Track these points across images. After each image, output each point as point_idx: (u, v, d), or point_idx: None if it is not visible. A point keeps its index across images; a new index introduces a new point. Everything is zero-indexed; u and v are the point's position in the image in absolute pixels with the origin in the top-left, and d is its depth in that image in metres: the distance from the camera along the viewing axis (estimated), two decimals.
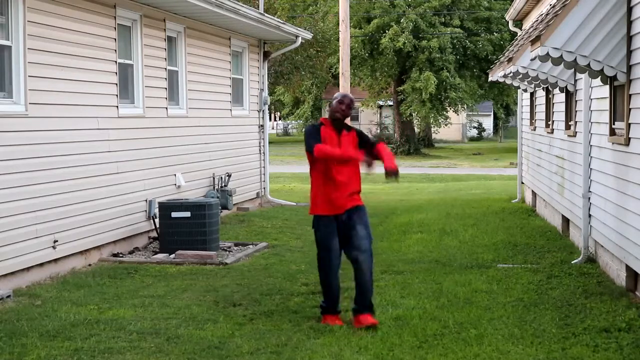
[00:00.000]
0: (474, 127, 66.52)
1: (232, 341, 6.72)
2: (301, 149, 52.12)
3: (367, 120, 59.33)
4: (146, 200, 11.83)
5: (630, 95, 8.15)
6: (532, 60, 9.35)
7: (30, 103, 9.13)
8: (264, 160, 17.43)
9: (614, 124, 9.06)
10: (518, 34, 17.37)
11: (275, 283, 9.07)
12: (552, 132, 13.49)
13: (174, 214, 10.99)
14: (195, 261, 10.45)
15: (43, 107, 9.42)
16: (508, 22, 19.20)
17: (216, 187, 14.51)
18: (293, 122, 63.51)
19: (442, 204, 17.22)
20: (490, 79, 15.13)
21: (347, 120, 7.71)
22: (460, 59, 43.88)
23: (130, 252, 11.29)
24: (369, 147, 7.43)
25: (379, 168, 7.27)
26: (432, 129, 50.35)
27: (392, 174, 7.19)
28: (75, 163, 10.06)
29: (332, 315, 7.32)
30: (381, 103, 54.85)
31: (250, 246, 11.75)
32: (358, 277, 7.23)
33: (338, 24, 23.83)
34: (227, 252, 11.24)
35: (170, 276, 9.60)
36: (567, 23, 7.96)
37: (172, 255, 10.79)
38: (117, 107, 11.12)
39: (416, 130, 49.69)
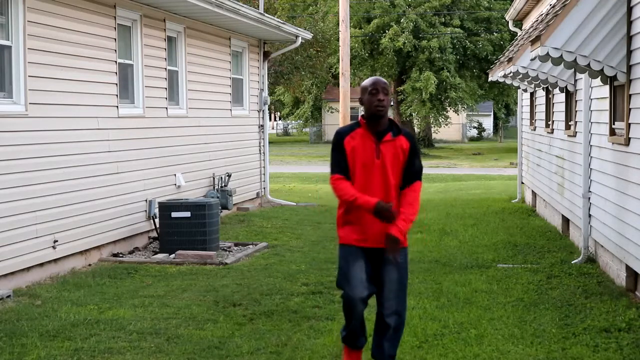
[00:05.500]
0: (474, 127, 66.53)
1: (232, 341, 6.72)
2: (301, 148, 52.10)
3: None
4: (146, 200, 11.84)
5: (630, 95, 8.15)
6: (532, 60, 9.35)
7: (30, 103, 9.13)
8: (264, 160, 17.44)
9: (613, 124, 9.06)
10: (518, 34, 17.37)
11: (275, 283, 9.07)
12: (552, 132, 13.49)
13: (174, 214, 11.00)
14: (195, 261, 10.45)
15: (43, 107, 9.42)
16: (508, 22, 19.21)
17: (216, 187, 14.51)
18: (293, 122, 63.49)
19: (442, 204, 17.22)
20: (490, 79, 15.13)
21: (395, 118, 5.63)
22: (460, 59, 43.87)
23: (130, 252, 11.30)
24: (406, 178, 5.42)
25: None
26: (432, 129, 50.35)
27: (392, 248, 5.30)
28: (75, 163, 10.06)
29: (351, 350, 5.84)
30: None
31: (250, 246, 11.75)
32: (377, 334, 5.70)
33: (338, 24, 23.83)
34: (227, 252, 11.24)
35: (170, 276, 9.60)
36: (567, 23, 7.96)
37: (172, 255, 10.79)
38: (117, 107, 11.12)
39: (416, 130, 49.67)
